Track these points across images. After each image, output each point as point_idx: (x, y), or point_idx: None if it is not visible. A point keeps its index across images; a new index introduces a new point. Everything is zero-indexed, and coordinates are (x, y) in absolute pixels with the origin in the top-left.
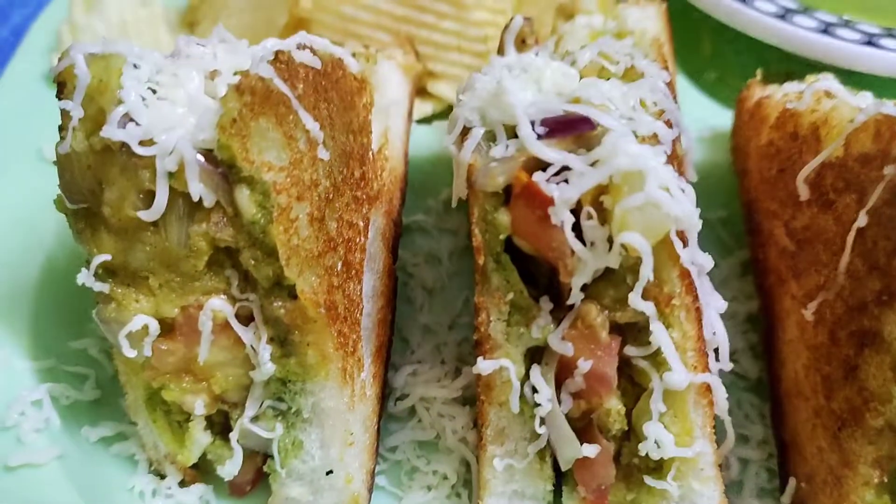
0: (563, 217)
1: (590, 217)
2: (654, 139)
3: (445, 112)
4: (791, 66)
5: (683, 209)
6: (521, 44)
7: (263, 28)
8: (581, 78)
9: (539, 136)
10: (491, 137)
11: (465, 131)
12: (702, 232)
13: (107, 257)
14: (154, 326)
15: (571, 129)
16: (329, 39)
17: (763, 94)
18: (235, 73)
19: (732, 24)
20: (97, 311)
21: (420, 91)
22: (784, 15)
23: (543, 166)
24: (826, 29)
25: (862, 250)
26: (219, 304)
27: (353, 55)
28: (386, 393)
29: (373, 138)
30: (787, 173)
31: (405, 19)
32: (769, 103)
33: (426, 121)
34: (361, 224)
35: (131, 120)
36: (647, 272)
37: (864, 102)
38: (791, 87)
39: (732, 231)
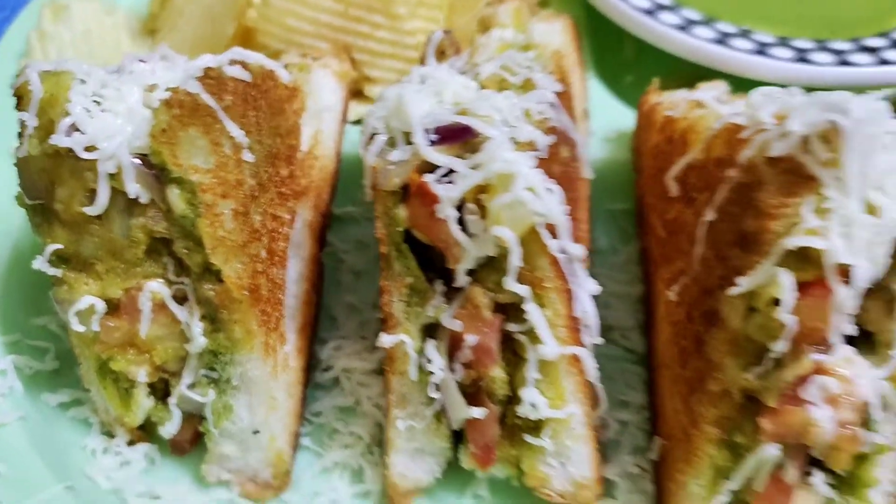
0: (448, 212)
1: (471, 212)
2: (531, 146)
3: None
4: (696, 72)
5: (547, 207)
6: (441, 55)
7: (214, 37)
8: (483, 88)
9: (431, 143)
10: (392, 143)
11: (373, 137)
12: (605, 221)
13: (59, 246)
14: (101, 306)
15: (458, 137)
16: (273, 48)
17: (657, 101)
18: (167, 90)
19: (638, 34)
20: (52, 293)
21: (357, 94)
22: (685, 26)
23: (434, 168)
24: (722, 39)
25: (711, 241)
26: (157, 287)
27: (287, 66)
28: (313, 364)
29: (304, 140)
30: (663, 172)
31: (343, 30)
32: (659, 109)
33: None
34: (287, 216)
35: (77, 129)
36: (515, 260)
37: (732, 110)
38: (680, 94)
39: (632, 221)
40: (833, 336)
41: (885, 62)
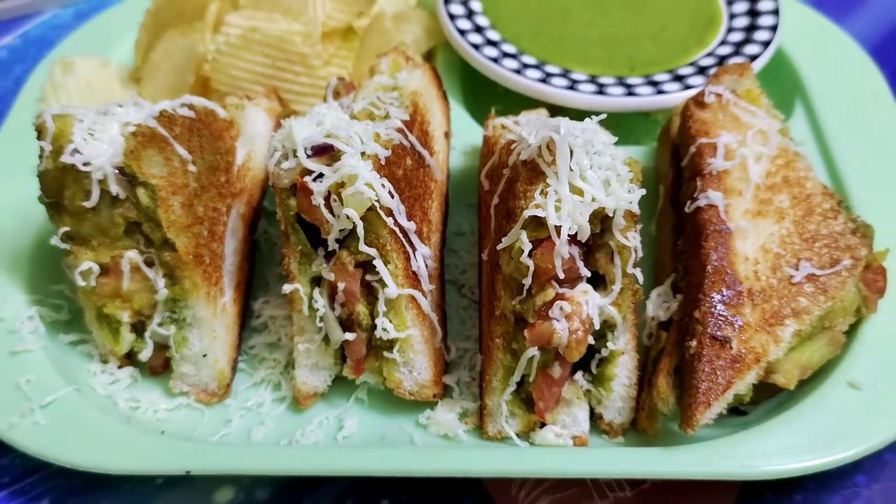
0: (319, 201)
1: (334, 200)
2: (374, 157)
3: None
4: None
5: (379, 195)
6: (336, 94)
7: (180, 83)
8: (355, 119)
9: (308, 156)
10: (286, 156)
11: (274, 153)
12: (466, 212)
13: (67, 229)
14: (96, 268)
15: (325, 152)
16: (223, 91)
17: (490, 124)
18: (134, 125)
19: (488, 76)
20: (63, 260)
21: None
22: (520, 70)
23: (311, 172)
24: (546, 78)
25: (497, 217)
26: (133, 255)
27: (227, 106)
28: (248, 314)
29: (239, 157)
30: (487, 176)
31: (273, 77)
32: (487, 130)
33: None
34: (224, 208)
35: (77, 151)
36: (360, 231)
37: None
38: (502, 119)
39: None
40: (560, 272)
41: (661, 92)
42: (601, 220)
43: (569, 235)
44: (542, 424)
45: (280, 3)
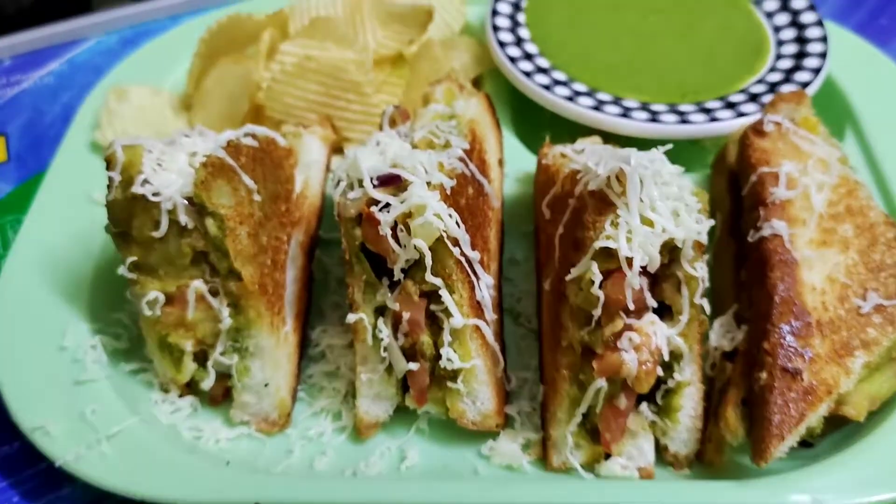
0: (386, 231)
1: (401, 230)
2: (440, 187)
3: None
4: (582, 130)
5: (447, 225)
6: (392, 123)
7: (233, 112)
8: (415, 148)
9: (374, 186)
10: (351, 186)
11: (338, 183)
12: (519, 240)
13: (134, 259)
14: (162, 298)
15: (391, 182)
16: (276, 118)
17: (546, 151)
18: (204, 156)
19: (540, 103)
20: (129, 290)
21: (338, 150)
22: (573, 97)
23: (377, 202)
24: (598, 106)
25: (562, 247)
26: (198, 284)
27: (285, 134)
28: (306, 343)
29: (297, 185)
30: (547, 205)
31: (326, 105)
32: (545, 158)
33: None
34: (285, 238)
35: (147, 182)
36: (428, 261)
37: (578, 159)
38: (559, 147)
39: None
40: (631, 303)
41: (714, 119)
42: (669, 251)
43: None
44: (608, 456)
45: (333, 31)
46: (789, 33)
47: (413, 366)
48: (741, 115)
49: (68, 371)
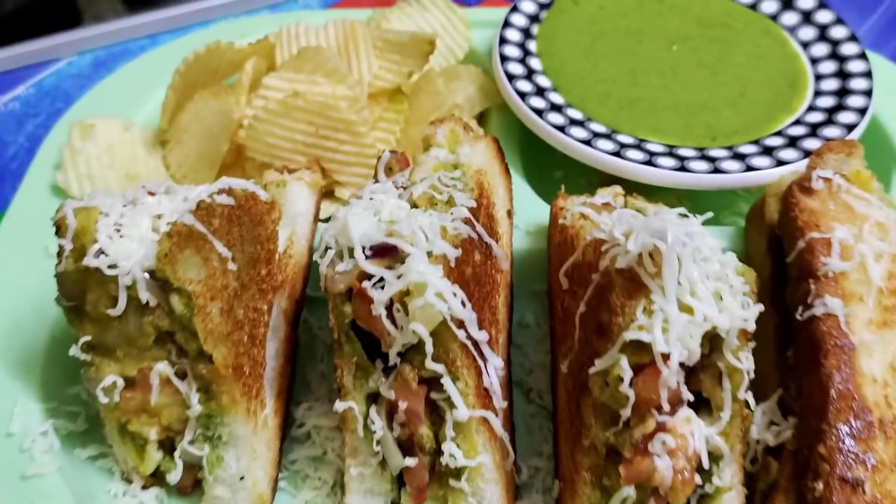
0: (380, 311)
1: (398, 310)
2: (443, 258)
3: None
4: (602, 176)
5: (452, 307)
6: (389, 171)
7: (212, 152)
8: (415, 206)
9: (367, 257)
10: (340, 255)
11: (326, 250)
12: (530, 300)
13: (88, 338)
14: (120, 382)
15: (387, 253)
16: (259, 160)
17: (562, 205)
18: (168, 223)
19: (555, 146)
20: (83, 372)
21: (329, 194)
22: (591, 140)
23: (370, 276)
24: (619, 151)
25: (583, 328)
26: (163, 367)
27: (267, 185)
28: (289, 421)
29: (280, 242)
30: (561, 267)
31: (314, 146)
32: (562, 214)
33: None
34: (265, 307)
35: (102, 252)
36: (429, 347)
37: (608, 220)
38: (579, 200)
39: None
40: (665, 403)
41: (750, 168)
42: (710, 339)
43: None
44: None
45: (323, 63)
46: (829, 66)
47: (410, 461)
48: (780, 162)
49: (14, 463)
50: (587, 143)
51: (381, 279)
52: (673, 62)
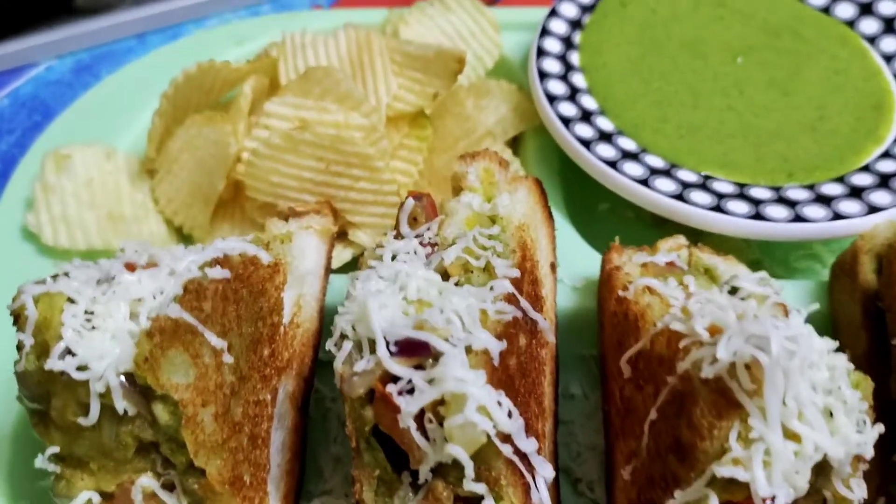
0: (408, 423)
1: (430, 421)
2: (485, 354)
3: None
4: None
5: (500, 422)
6: (413, 221)
7: (206, 188)
8: (447, 275)
9: (392, 353)
10: (359, 347)
11: (342, 338)
12: (576, 367)
13: (56, 449)
14: (96, 499)
15: (416, 351)
16: (261, 199)
17: (616, 264)
18: (149, 318)
19: (606, 184)
20: (51, 486)
21: (342, 235)
22: (647, 178)
23: (396, 378)
24: (682, 193)
25: (654, 438)
26: (146, 481)
27: (270, 244)
28: None
29: (286, 310)
30: (621, 345)
31: (325, 184)
32: (618, 275)
33: (348, 265)
34: (269, 397)
35: (70, 352)
36: (469, 472)
37: (678, 296)
38: (637, 257)
39: (599, 367)
40: None
41: (838, 216)
42: (817, 467)
43: None
44: None
45: (334, 87)
46: None
47: None
48: (872, 208)
49: None
50: (644, 182)
51: (409, 382)
52: (738, 78)
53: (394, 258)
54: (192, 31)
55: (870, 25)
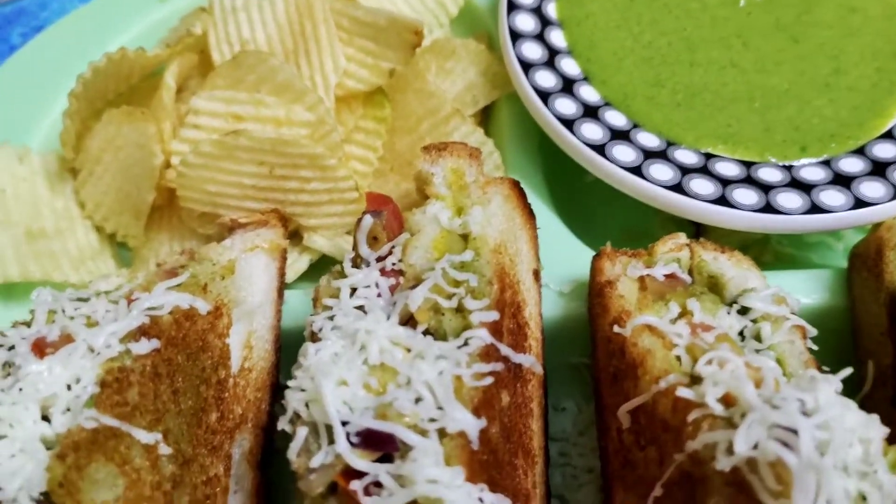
0: None
1: None
2: (464, 443)
3: (321, 264)
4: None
5: None
6: (374, 241)
7: (135, 194)
8: (415, 322)
9: (353, 444)
10: (315, 432)
11: (296, 415)
12: (567, 378)
13: None
14: None
15: (381, 445)
16: (198, 210)
17: (608, 277)
18: (58, 435)
19: (595, 173)
20: None
21: (294, 235)
22: (641, 164)
23: (359, 473)
24: (681, 181)
25: None
26: None
27: (205, 288)
28: None
29: (234, 358)
30: (619, 385)
31: (270, 188)
32: (611, 295)
33: (304, 276)
34: (222, 468)
35: None
36: None
37: (682, 333)
38: (633, 267)
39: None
40: None
41: (861, 202)
42: None
43: None
44: None
45: (270, 76)
46: None
47: None
48: None
49: None
50: (638, 168)
51: (374, 476)
52: (740, 24)
53: (353, 293)
54: None
55: None
